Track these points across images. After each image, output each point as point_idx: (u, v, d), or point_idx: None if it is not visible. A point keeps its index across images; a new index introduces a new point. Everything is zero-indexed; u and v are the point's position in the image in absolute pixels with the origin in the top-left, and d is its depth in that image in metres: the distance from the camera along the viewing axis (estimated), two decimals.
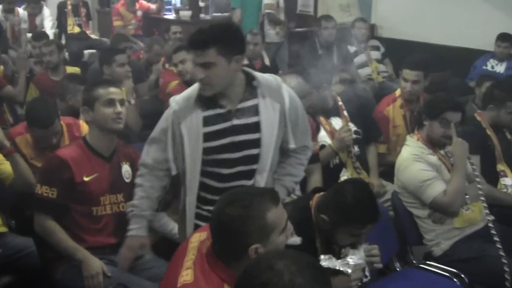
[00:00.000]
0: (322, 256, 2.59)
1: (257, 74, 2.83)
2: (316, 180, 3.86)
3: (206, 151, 2.78)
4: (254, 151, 2.80)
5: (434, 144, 3.73)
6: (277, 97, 2.81)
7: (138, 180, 2.97)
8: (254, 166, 2.83)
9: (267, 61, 6.76)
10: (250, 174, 2.83)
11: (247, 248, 2.06)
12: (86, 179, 3.21)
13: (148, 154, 2.92)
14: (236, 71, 2.74)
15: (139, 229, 2.94)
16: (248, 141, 2.79)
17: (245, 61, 6.26)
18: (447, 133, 3.64)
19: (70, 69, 6.12)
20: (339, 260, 2.59)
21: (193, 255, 2.23)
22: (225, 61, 2.65)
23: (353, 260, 2.60)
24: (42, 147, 3.95)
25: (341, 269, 2.55)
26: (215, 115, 2.77)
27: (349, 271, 2.56)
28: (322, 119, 4.23)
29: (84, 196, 3.23)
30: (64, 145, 3.88)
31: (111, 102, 3.22)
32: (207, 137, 2.77)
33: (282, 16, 8.31)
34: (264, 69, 6.45)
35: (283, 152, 2.95)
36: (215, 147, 2.78)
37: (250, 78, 2.82)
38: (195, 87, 2.82)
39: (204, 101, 2.78)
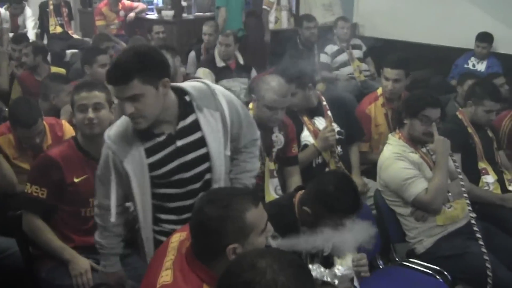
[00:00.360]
0: (310, 266, 2.59)
1: (188, 87, 2.69)
2: (295, 181, 3.87)
3: (155, 178, 2.67)
4: (205, 166, 2.71)
5: (416, 142, 3.75)
6: (214, 105, 2.70)
7: (97, 220, 2.86)
8: (208, 176, 2.73)
9: (241, 60, 6.75)
10: (206, 187, 2.72)
11: (225, 248, 2.06)
12: (76, 180, 3.20)
13: (99, 194, 2.82)
14: (166, 95, 2.57)
15: (113, 265, 2.91)
16: (197, 157, 2.69)
17: (222, 63, 6.28)
18: (428, 130, 3.67)
19: (55, 69, 6.10)
20: (327, 270, 2.57)
21: (173, 255, 2.22)
22: (152, 88, 2.49)
23: (339, 271, 2.58)
24: (25, 147, 3.95)
25: (328, 279, 2.54)
26: (156, 144, 2.65)
27: (336, 282, 2.55)
28: (305, 118, 4.24)
29: (73, 197, 3.22)
30: (51, 144, 3.90)
31: (82, 108, 3.17)
32: (153, 166, 2.65)
33: (284, 16, 8.23)
34: (239, 69, 6.49)
35: (234, 151, 2.88)
36: (163, 173, 2.67)
37: (182, 94, 2.68)
38: (127, 119, 2.64)
39: (141, 134, 2.63)
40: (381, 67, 4.93)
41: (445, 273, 3.46)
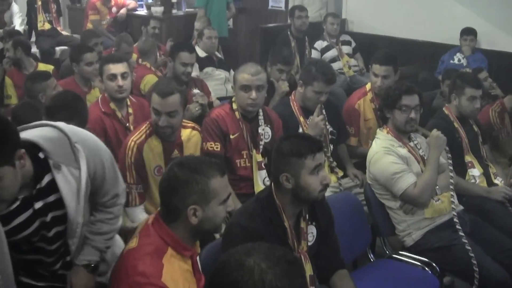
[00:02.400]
0: None
1: (42, 141, 2.29)
2: None
3: (14, 244, 2.35)
4: (63, 227, 2.44)
5: (402, 132, 3.81)
6: (74, 161, 2.34)
7: None
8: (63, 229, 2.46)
9: (220, 55, 6.89)
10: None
11: (187, 208, 2.25)
12: None
13: None
14: (24, 165, 2.18)
15: None
16: (56, 217, 2.39)
17: (204, 54, 6.35)
18: (410, 117, 3.74)
19: (42, 66, 6.11)
20: None
21: (140, 227, 2.39)
22: (9, 168, 2.10)
23: None
24: None
25: None
26: (11, 212, 2.28)
27: None
28: (301, 119, 4.32)
29: None
30: None
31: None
32: (10, 233, 2.29)
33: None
34: (220, 62, 6.65)
35: (93, 206, 2.58)
36: (22, 238, 2.36)
37: (35, 151, 2.28)
38: None
39: None
40: (369, 62, 4.98)
41: (434, 264, 3.53)
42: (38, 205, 2.32)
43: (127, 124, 4.28)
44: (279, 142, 2.92)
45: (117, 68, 4.28)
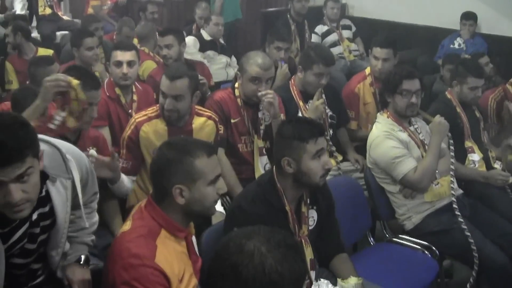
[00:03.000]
0: (317, 282, 2.61)
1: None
2: None
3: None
4: (46, 235, 2.41)
5: (403, 117, 3.82)
6: (65, 172, 2.35)
7: None
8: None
9: (223, 41, 6.91)
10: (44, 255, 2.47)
11: (172, 187, 2.28)
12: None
13: None
14: (42, 167, 2.16)
15: None
16: (44, 227, 2.37)
17: (209, 37, 6.37)
18: (411, 102, 3.75)
19: (42, 51, 6.11)
20: None
21: (134, 210, 2.43)
22: (37, 163, 2.08)
23: None
24: None
25: None
26: (12, 227, 2.23)
27: None
28: (301, 103, 4.34)
29: None
30: None
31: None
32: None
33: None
34: (222, 48, 6.66)
35: (73, 207, 2.52)
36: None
37: None
38: None
39: None
40: (369, 47, 4.99)
41: (433, 248, 3.55)
42: (34, 216, 2.30)
43: (130, 111, 4.29)
44: (282, 125, 2.92)
45: (124, 56, 4.30)
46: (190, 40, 6.30)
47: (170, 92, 3.52)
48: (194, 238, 2.55)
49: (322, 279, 2.60)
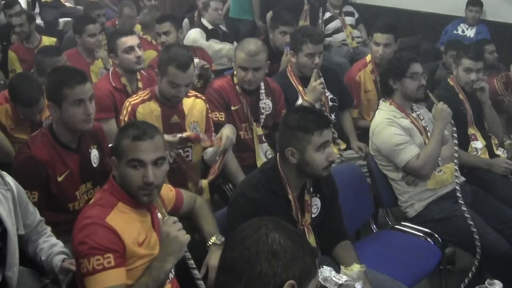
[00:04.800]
0: (320, 269, 2.59)
1: None
2: None
3: None
4: None
5: (413, 100, 3.82)
6: (4, 184, 2.58)
7: None
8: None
9: (224, 28, 6.87)
10: None
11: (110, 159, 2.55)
12: (59, 179, 3.09)
13: None
14: None
15: None
16: None
17: (210, 26, 6.34)
18: (421, 84, 3.75)
19: (46, 39, 6.11)
20: (333, 276, 2.55)
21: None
22: None
23: (342, 280, 2.54)
24: (22, 118, 3.96)
25: (330, 286, 2.53)
26: None
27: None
28: (300, 88, 4.33)
29: (60, 195, 3.12)
30: (49, 116, 3.91)
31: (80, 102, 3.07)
32: None
33: None
34: (224, 35, 6.59)
35: (30, 233, 2.78)
36: None
37: None
38: None
39: None
40: (371, 34, 4.99)
41: (436, 235, 3.56)
42: None
43: None
44: (288, 114, 2.91)
45: (133, 40, 4.31)
46: (196, 32, 6.24)
47: (184, 81, 3.52)
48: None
49: (325, 266, 2.59)
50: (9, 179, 2.60)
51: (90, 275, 2.29)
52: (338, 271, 2.64)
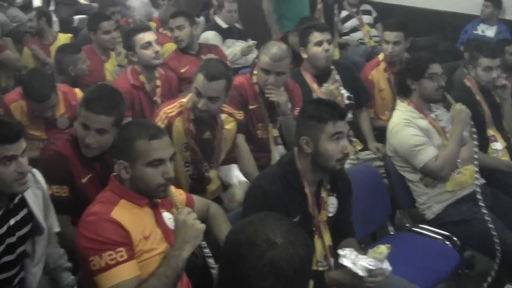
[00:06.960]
0: (340, 251, 2.57)
1: None
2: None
3: None
4: (24, 247, 2.58)
5: (431, 101, 3.76)
6: (34, 183, 2.62)
7: None
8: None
9: (239, 25, 6.85)
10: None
11: (117, 161, 2.47)
12: (83, 180, 3.07)
13: None
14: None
15: None
16: (21, 237, 2.52)
17: (225, 25, 6.30)
18: (440, 85, 3.70)
19: (62, 36, 6.11)
20: (359, 261, 2.52)
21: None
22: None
23: (372, 265, 2.53)
24: (37, 114, 3.99)
25: (358, 271, 2.50)
26: None
27: (365, 274, 2.52)
28: (314, 86, 4.28)
29: (83, 197, 2.99)
30: (64, 113, 3.96)
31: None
32: None
33: None
34: (240, 33, 6.57)
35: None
36: None
37: None
38: None
39: None
40: None
41: (454, 238, 3.51)
42: (13, 221, 2.46)
43: (154, 98, 4.28)
44: (305, 104, 2.95)
45: (150, 36, 4.35)
46: (213, 35, 6.21)
47: (207, 93, 3.38)
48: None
49: (346, 248, 2.57)
50: (39, 177, 2.65)
51: (103, 271, 2.27)
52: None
